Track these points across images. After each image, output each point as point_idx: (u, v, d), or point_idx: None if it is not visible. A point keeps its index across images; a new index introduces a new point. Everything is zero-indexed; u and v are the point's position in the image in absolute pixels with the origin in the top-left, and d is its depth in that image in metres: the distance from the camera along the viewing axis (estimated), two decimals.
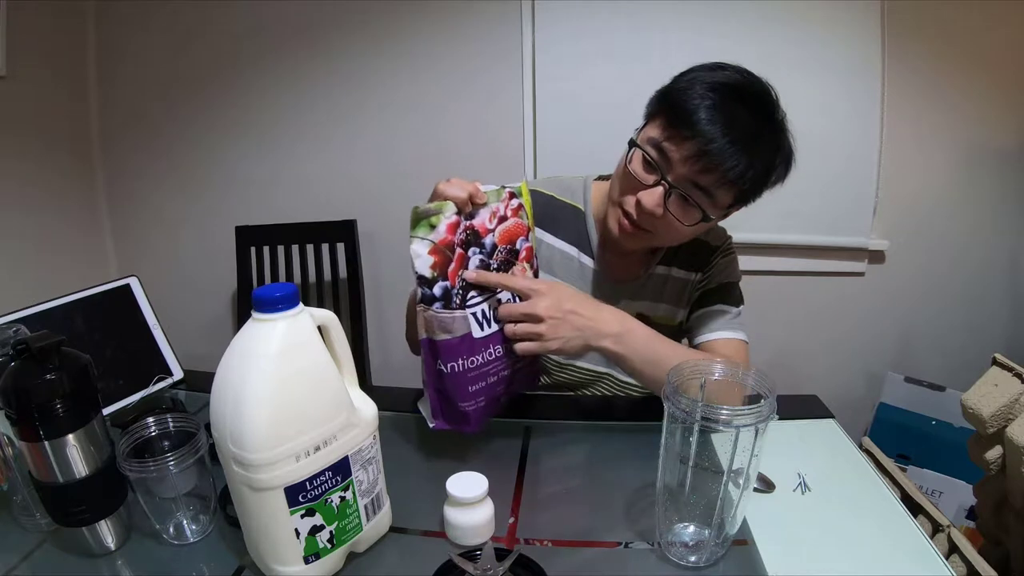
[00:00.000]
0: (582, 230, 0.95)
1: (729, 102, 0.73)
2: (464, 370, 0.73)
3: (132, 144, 1.84)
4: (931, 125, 1.66)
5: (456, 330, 0.71)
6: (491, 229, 0.73)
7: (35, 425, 0.57)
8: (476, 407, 0.75)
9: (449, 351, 0.71)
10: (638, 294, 0.96)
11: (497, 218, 0.73)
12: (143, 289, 1.00)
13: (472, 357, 0.73)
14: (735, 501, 0.59)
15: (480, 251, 0.72)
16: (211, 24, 1.73)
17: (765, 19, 1.57)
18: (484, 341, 0.73)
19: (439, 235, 0.68)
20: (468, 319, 0.71)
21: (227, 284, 1.81)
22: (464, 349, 0.72)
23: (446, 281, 0.69)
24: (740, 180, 0.74)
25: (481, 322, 0.73)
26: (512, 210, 0.75)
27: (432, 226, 0.68)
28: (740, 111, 0.73)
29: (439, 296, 0.69)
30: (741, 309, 0.95)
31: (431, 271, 0.68)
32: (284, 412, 0.53)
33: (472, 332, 0.72)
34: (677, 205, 0.77)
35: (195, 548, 0.64)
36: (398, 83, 1.73)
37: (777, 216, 1.70)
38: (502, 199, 0.74)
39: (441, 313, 0.70)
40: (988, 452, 1.06)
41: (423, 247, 0.68)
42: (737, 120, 0.72)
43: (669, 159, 0.75)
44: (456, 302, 0.71)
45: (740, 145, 0.72)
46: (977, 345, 1.72)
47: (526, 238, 0.77)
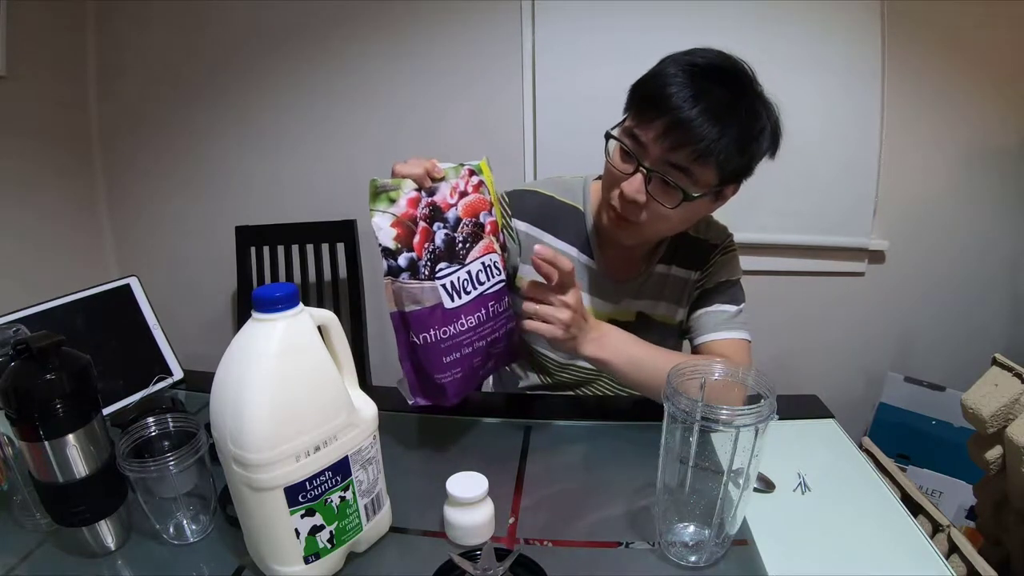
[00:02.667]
0: (581, 230, 0.95)
1: (698, 79, 0.72)
2: (437, 340, 0.73)
3: (132, 144, 1.84)
4: (931, 125, 1.66)
5: (426, 300, 0.71)
6: (453, 204, 0.74)
7: (35, 425, 0.57)
8: (453, 379, 0.75)
9: (420, 322, 0.72)
10: (639, 293, 0.96)
11: (458, 193, 0.75)
12: (143, 289, 1.00)
13: (444, 327, 0.73)
14: (735, 501, 0.59)
15: (444, 225, 0.73)
16: (211, 24, 1.73)
17: (765, 19, 1.57)
18: (456, 312, 0.74)
19: (400, 209, 0.70)
20: (438, 290, 0.72)
21: (227, 284, 1.81)
22: (435, 320, 0.72)
23: (411, 252, 0.71)
24: (713, 152, 0.72)
25: (451, 293, 0.73)
26: (473, 186, 0.77)
27: (392, 200, 0.70)
28: (710, 86, 0.72)
29: (404, 267, 0.70)
30: (742, 307, 0.95)
31: (395, 243, 0.70)
32: (284, 412, 0.53)
33: (443, 303, 0.73)
34: (658, 188, 0.77)
35: (195, 548, 0.64)
36: (398, 83, 1.73)
37: (777, 216, 1.70)
38: (461, 175, 0.76)
39: (409, 283, 0.71)
40: (988, 452, 1.06)
41: (385, 220, 0.69)
42: (706, 93, 0.71)
43: (642, 144, 0.76)
44: (424, 273, 0.71)
45: (709, 115, 0.70)
46: (977, 345, 1.72)
47: (489, 212, 0.78)
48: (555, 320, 0.74)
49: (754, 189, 0.82)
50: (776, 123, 0.78)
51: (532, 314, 0.75)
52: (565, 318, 0.74)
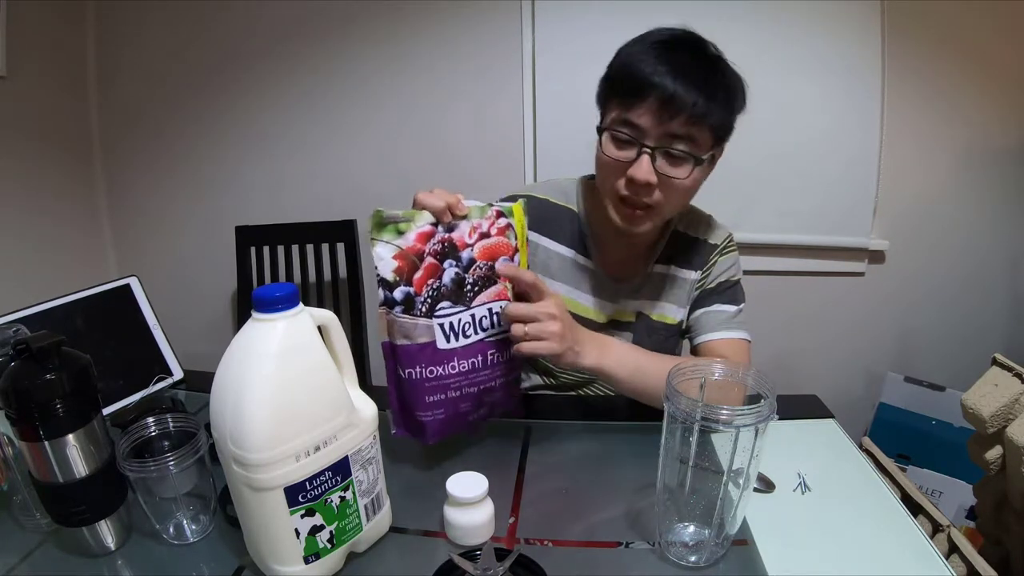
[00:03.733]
0: (577, 231, 0.95)
1: (666, 53, 0.76)
2: (421, 379, 0.72)
3: (132, 144, 1.84)
4: (931, 125, 1.66)
5: (416, 337, 0.71)
6: (470, 244, 0.73)
7: (35, 425, 0.57)
8: (433, 419, 0.74)
9: (407, 357, 0.72)
10: (637, 293, 0.96)
11: (478, 233, 0.73)
12: (143, 289, 1.00)
13: (432, 367, 0.72)
14: (735, 501, 0.59)
15: (456, 264, 0.72)
16: (211, 24, 1.73)
17: (765, 19, 1.57)
18: (448, 353, 0.73)
19: (407, 242, 0.69)
20: (434, 328, 0.71)
21: (227, 284, 1.81)
22: (424, 357, 0.72)
23: (409, 287, 0.70)
24: (708, 113, 0.75)
25: (448, 333, 0.72)
26: (498, 228, 0.75)
27: (400, 232, 0.69)
28: (678, 57, 0.76)
29: (399, 300, 0.70)
30: (742, 307, 0.95)
31: (394, 275, 0.69)
32: (284, 412, 0.53)
33: (436, 342, 0.72)
34: (667, 164, 0.78)
35: (195, 548, 0.64)
36: (398, 83, 1.73)
37: (777, 216, 1.70)
38: (486, 216, 0.74)
39: (402, 318, 0.70)
40: (988, 452, 1.06)
41: (387, 251, 0.69)
42: (680, 65, 0.75)
43: (639, 126, 0.77)
44: (422, 310, 0.71)
45: (691, 82, 0.74)
46: (977, 345, 1.72)
47: (511, 258, 0.76)
48: (548, 334, 0.72)
49: (754, 189, 0.83)
50: (740, 77, 0.82)
51: (522, 336, 0.72)
52: (556, 329, 0.72)
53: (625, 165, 0.79)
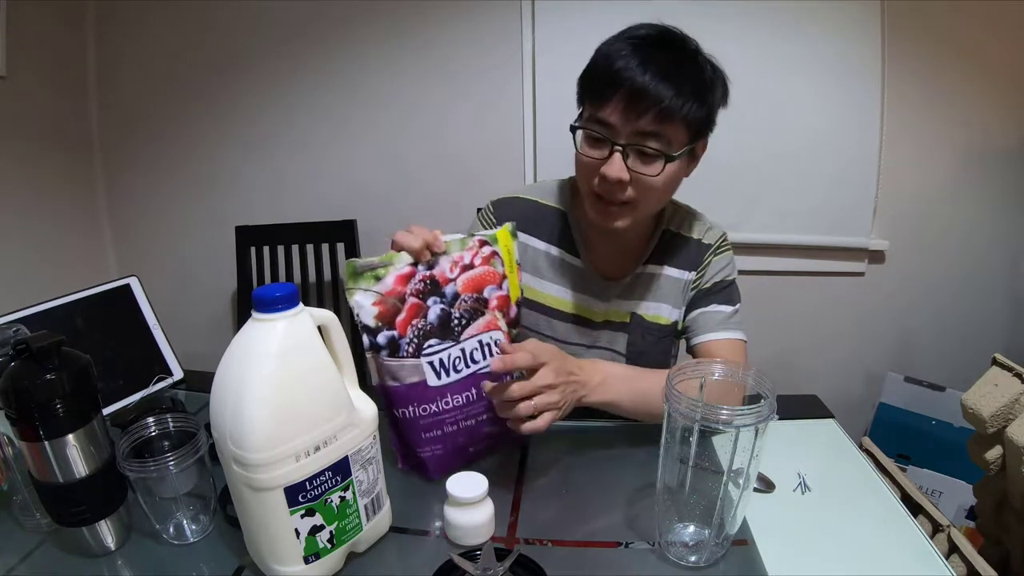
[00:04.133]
0: (566, 230, 0.96)
1: (641, 49, 0.75)
2: (416, 417, 0.73)
3: (132, 145, 1.84)
4: (931, 125, 1.66)
5: (404, 378, 0.72)
6: (452, 278, 0.73)
7: (35, 425, 0.57)
8: (432, 455, 0.75)
9: (399, 397, 0.72)
10: (629, 293, 0.96)
11: (460, 267, 0.74)
12: (143, 289, 1.00)
13: (425, 405, 0.73)
14: (735, 501, 0.59)
15: (441, 300, 0.72)
16: (211, 25, 1.73)
17: (765, 20, 1.57)
18: (440, 390, 0.73)
19: (385, 287, 0.70)
20: (423, 367, 0.72)
21: (227, 284, 1.81)
22: (415, 396, 0.72)
23: (392, 331, 0.70)
24: (678, 108, 0.74)
25: (438, 370, 0.72)
26: (482, 258, 0.75)
27: (378, 278, 0.69)
28: (653, 51, 0.75)
29: (383, 344, 0.70)
30: (738, 307, 0.95)
31: (375, 321, 0.70)
32: (284, 412, 0.53)
33: (427, 380, 0.72)
34: (638, 162, 0.77)
35: (195, 548, 0.64)
36: (399, 83, 1.73)
37: (777, 216, 1.70)
38: (468, 247, 0.75)
39: (388, 361, 0.71)
40: (988, 452, 1.06)
41: (367, 298, 0.69)
42: (652, 58, 0.74)
43: (609, 124, 0.76)
44: (408, 351, 0.71)
45: (660, 76, 0.73)
46: (977, 345, 1.72)
47: (499, 286, 0.76)
48: (552, 406, 0.71)
49: (754, 189, 0.83)
50: (722, 73, 0.80)
51: (527, 415, 0.69)
52: (556, 400, 0.71)
53: (599, 163, 0.79)
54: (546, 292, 0.96)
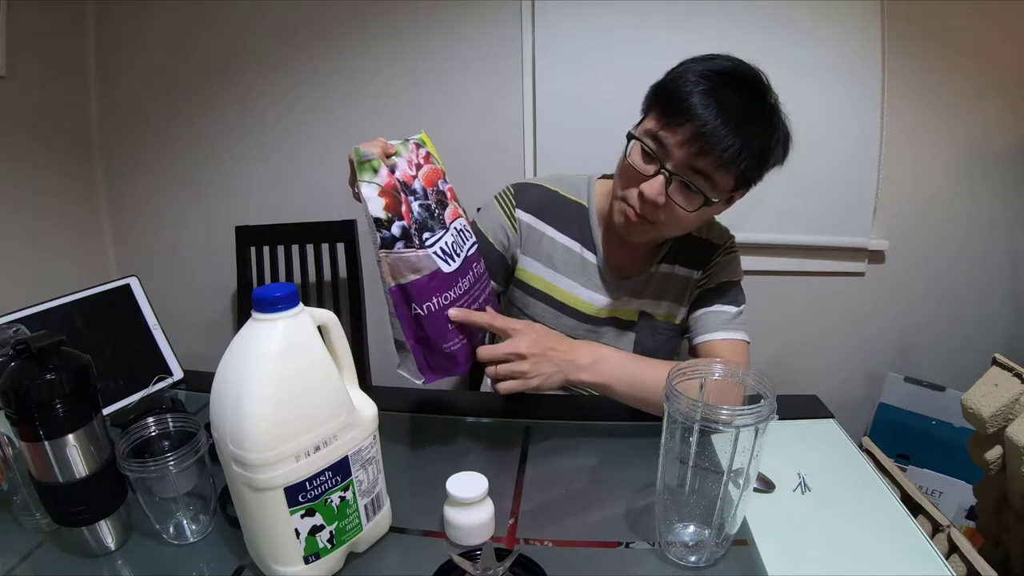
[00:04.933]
0: (585, 226, 0.96)
1: (720, 88, 0.74)
2: (440, 308, 0.72)
3: (132, 144, 1.84)
4: (931, 125, 1.66)
5: (424, 268, 0.70)
6: (414, 176, 0.73)
7: (35, 425, 0.57)
8: (461, 345, 0.75)
9: (422, 291, 0.71)
10: (641, 291, 0.96)
11: (415, 165, 0.74)
12: (143, 289, 1.00)
13: (446, 293, 0.72)
14: (735, 501, 0.59)
15: (415, 197, 0.72)
16: (211, 25, 1.73)
17: (765, 19, 1.57)
18: (453, 276, 0.73)
19: (383, 179, 0.68)
20: (433, 256, 0.71)
21: (227, 284, 1.81)
22: (436, 286, 0.71)
23: (402, 220, 0.69)
24: (737, 160, 0.74)
25: (445, 258, 0.72)
26: (423, 157, 0.76)
27: (375, 170, 0.68)
28: (732, 95, 0.74)
29: (399, 235, 0.69)
30: (742, 308, 0.95)
31: (385, 212, 0.68)
32: (284, 412, 0.53)
33: (441, 268, 0.72)
34: (679, 192, 0.78)
35: (195, 548, 0.64)
36: (399, 83, 1.73)
37: (777, 216, 1.70)
38: (410, 150, 0.75)
39: (406, 252, 0.69)
40: (988, 452, 1.06)
41: (372, 190, 0.67)
42: (729, 103, 0.73)
43: (666, 147, 0.76)
44: (416, 242, 0.70)
45: (733, 126, 0.72)
46: (977, 345, 1.72)
47: (444, 180, 0.77)
48: (517, 374, 0.74)
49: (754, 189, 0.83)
50: (787, 132, 0.80)
51: (495, 376, 0.75)
52: (525, 368, 0.74)
53: (641, 177, 0.79)
54: (557, 285, 0.96)
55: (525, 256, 0.97)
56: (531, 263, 0.97)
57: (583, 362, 0.78)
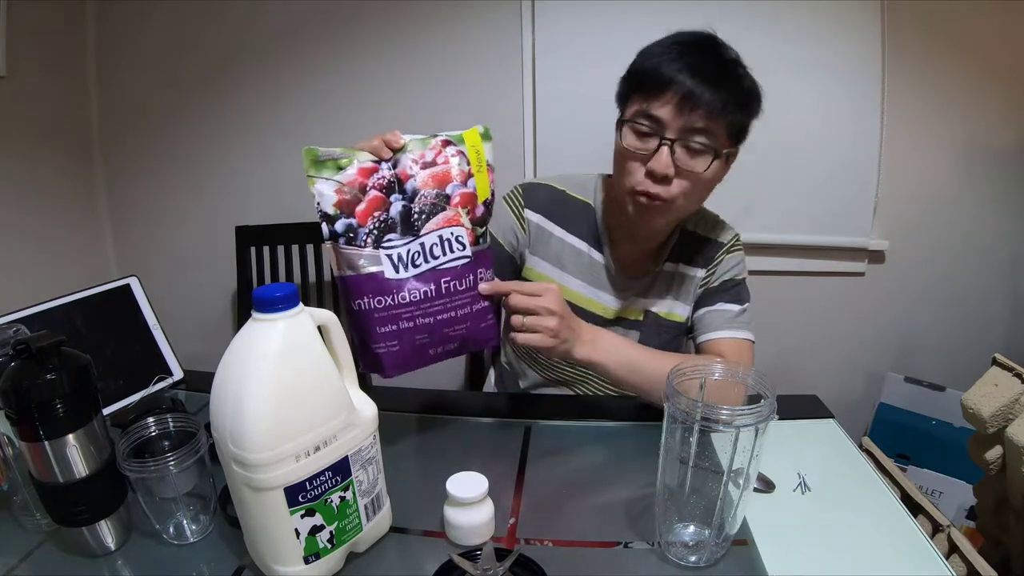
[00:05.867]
0: (592, 225, 0.96)
1: (685, 54, 0.79)
2: (371, 309, 0.71)
3: (132, 144, 1.84)
4: (931, 125, 1.66)
5: (362, 267, 0.71)
6: (412, 175, 0.73)
7: (35, 425, 0.57)
8: (387, 351, 0.73)
9: (355, 287, 0.71)
10: (648, 291, 0.97)
11: (420, 164, 0.74)
12: (143, 289, 1.00)
13: (380, 297, 0.71)
14: (735, 501, 0.59)
15: (402, 197, 0.72)
16: (211, 25, 1.73)
17: (765, 19, 1.57)
18: (398, 283, 0.72)
19: (348, 176, 0.70)
20: (381, 258, 0.71)
21: (227, 284, 1.81)
22: (371, 287, 0.71)
23: (351, 219, 0.70)
24: (725, 109, 0.78)
25: (396, 264, 0.72)
26: (445, 157, 0.75)
27: (340, 167, 0.70)
28: (697, 57, 0.79)
29: (340, 232, 0.70)
30: (747, 307, 0.95)
31: (335, 208, 0.70)
32: (284, 412, 0.53)
33: (384, 271, 0.71)
34: (686, 157, 0.80)
35: (195, 548, 0.64)
36: (399, 83, 1.73)
37: (777, 216, 1.70)
38: (430, 146, 0.75)
39: (346, 249, 0.71)
40: (988, 452, 1.06)
41: (328, 187, 0.70)
42: (698, 64, 0.78)
43: (659, 119, 0.79)
44: (366, 241, 0.71)
45: (709, 82, 0.77)
46: (977, 345, 1.72)
47: (463, 184, 0.75)
48: (543, 328, 0.74)
49: (754, 189, 0.84)
50: (755, 82, 0.84)
51: (519, 327, 0.75)
52: (552, 325, 0.74)
53: (644, 157, 0.81)
54: (566, 285, 0.96)
55: (534, 256, 0.97)
56: (540, 263, 0.97)
57: (584, 338, 0.79)
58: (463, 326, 0.76)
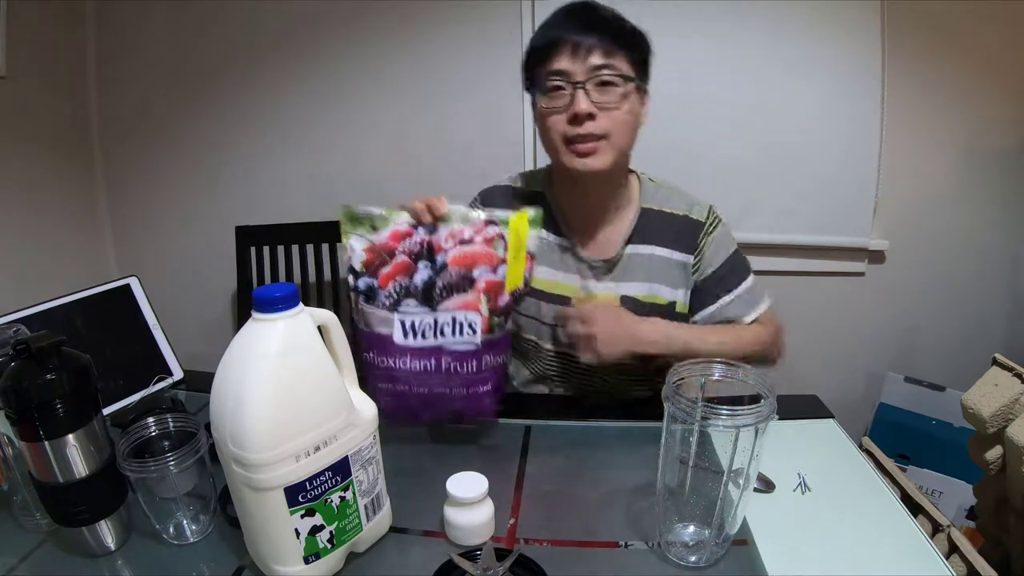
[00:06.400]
0: (548, 213, 0.97)
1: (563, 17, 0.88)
2: (374, 364, 0.75)
3: (132, 144, 1.84)
4: (931, 125, 1.66)
5: (374, 325, 0.74)
6: (446, 248, 0.75)
7: (35, 425, 0.57)
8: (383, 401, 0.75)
9: (366, 341, 0.76)
10: (621, 275, 0.96)
11: (456, 240, 0.75)
12: (143, 289, 1.00)
13: (383, 357, 0.75)
14: (735, 501, 0.59)
15: (430, 266, 0.75)
16: (211, 25, 1.73)
17: (765, 19, 1.57)
18: (402, 349, 0.75)
19: (380, 238, 0.73)
20: (394, 321, 0.74)
21: (227, 284, 1.81)
22: (376, 345, 0.75)
23: (373, 279, 0.73)
24: (617, 44, 0.85)
25: (407, 331, 0.74)
26: (485, 238, 0.76)
27: (375, 228, 0.73)
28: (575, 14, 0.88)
29: (362, 290, 0.74)
30: (750, 279, 0.97)
31: (361, 266, 0.73)
32: (284, 412, 0.53)
33: (393, 335, 0.74)
34: (599, 93, 0.85)
35: (195, 548, 0.64)
36: (399, 84, 1.73)
37: (777, 216, 1.70)
38: (471, 222, 0.76)
39: (364, 306, 0.74)
40: (988, 452, 1.06)
41: (360, 243, 0.73)
42: (579, 18, 0.87)
43: (563, 71, 0.85)
44: (385, 303, 0.74)
45: (595, 29, 0.85)
46: (977, 345, 1.72)
47: (492, 270, 0.76)
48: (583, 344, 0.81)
49: (755, 189, 0.84)
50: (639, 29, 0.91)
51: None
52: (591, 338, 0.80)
53: (565, 107, 0.86)
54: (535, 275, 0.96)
55: None
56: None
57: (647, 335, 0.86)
58: (457, 402, 0.79)
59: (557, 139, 0.88)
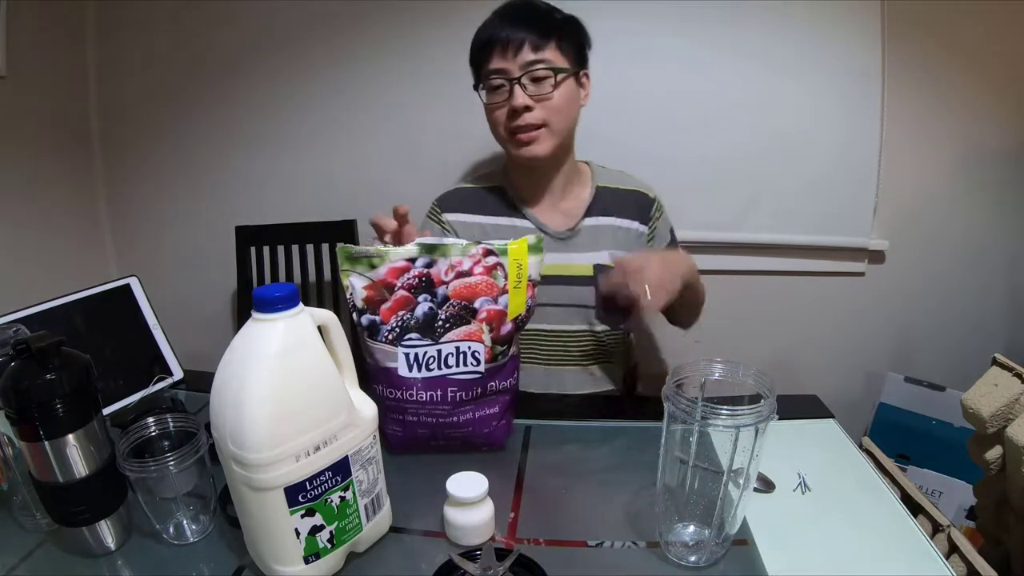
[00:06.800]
0: (508, 199, 1.06)
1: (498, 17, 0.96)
2: (383, 396, 0.77)
3: (132, 144, 1.84)
4: (931, 125, 1.66)
5: (380, 360, 0.76)
6: (446, 281, 0.75)
7: (35, 425, 0.57)
8: (392, 433, 0.79)
9: (373, 375, 0.77)
10: (583, 246, 1.03)
11: (455, 272, 0.75)
12: (143, 289, 1.00)
13: (391, 390, 0.76)
14: (735, 501, 0.59)
15: (431, 299, 0.75)
16: (211, 25, 1.73)
17: (764, 19, 1.57)
18: (408, 381, 0.76)
19: (378, 275, 0.74)
20: (398, 355, 0.75)
21: (227, 284, 1.81)
22: (381, 378, 0.76)
23: (375, 316, 0.74)
24: (546, 37, 0.92)
25: (411, 363, 0.75)
26: (484, 268, 0.76)
27: (373, 265, 0.74)
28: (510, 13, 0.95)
29: (365, 326, 0.75)
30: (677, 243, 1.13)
31: (363, 303, 0.74)
32: (284, 412, 0.53)
33: (398, 368, 0.75)
34: (533, 86, 0.93)
35: (195, 548, 0.65)
36: (399, 84, 1.73)
37: (777, 216, 1.70)
38: (470, 254, 0.76)
39: (369, 342, 0.76)
40: (988, 452, 1.06)
41: (360, 281, 0.74)
42: (510, 17, 0.94)
43: (499, 69, 0.94)
44: (388, 337, 0.75)
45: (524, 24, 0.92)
46: (977, 345, 1.72)
47: (494, 300, 0.76)
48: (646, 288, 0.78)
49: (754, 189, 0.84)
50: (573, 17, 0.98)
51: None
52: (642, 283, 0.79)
53: (504, 103, 0.94)
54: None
55: None
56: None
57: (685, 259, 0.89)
58: (465, 430, 0.79)
59: (502, 131, 0.96)
